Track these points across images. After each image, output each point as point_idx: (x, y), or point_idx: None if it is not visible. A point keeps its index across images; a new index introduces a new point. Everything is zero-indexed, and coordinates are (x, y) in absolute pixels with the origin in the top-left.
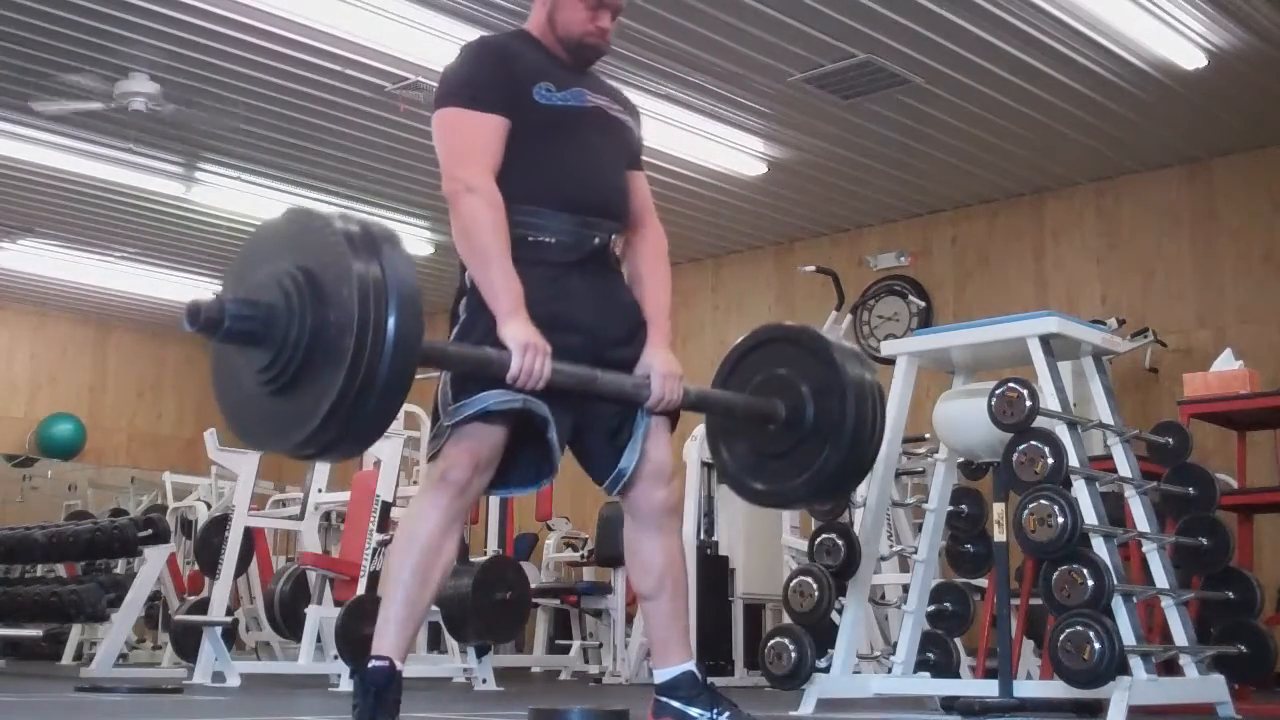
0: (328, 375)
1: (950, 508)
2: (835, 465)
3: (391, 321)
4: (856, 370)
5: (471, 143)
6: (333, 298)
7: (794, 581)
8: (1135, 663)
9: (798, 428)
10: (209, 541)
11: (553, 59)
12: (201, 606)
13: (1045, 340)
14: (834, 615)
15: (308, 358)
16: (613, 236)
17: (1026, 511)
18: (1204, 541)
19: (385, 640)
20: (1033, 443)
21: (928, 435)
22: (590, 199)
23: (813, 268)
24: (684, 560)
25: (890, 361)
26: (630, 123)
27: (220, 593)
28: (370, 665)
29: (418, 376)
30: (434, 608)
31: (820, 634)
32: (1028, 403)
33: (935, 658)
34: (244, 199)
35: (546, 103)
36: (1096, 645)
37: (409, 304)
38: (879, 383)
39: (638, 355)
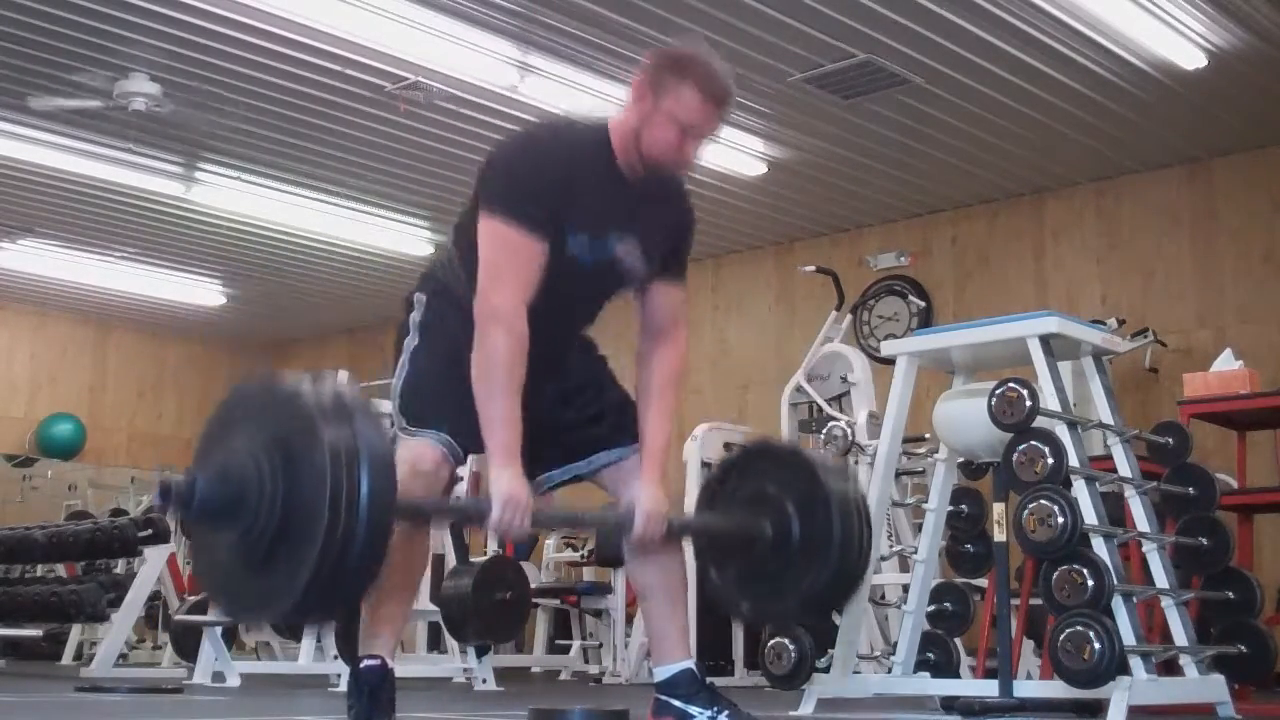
0: (304, 547)
1: (950, 508)
2: (824, 584)
3: (364, 488)
4: (841, 486)
5: (513, 266)
6: (304, 468)
7: None
8: (1135, 663)
9: (785, 547)
10: None
11: (614, 176)
12: (201, 606)
13: (1045, 340)
14: (834, 615)
15: (282, 530)
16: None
17: (1026, 511)
18: (1204, 541)
19: (375, 639)
20: (1033, 443)
21: (928, 435)
22: (552, 334)
23: (813, 268)
24: (683, 559)
25: (890, 361)
26: (638, 266)
27: None
28: (363, 665)
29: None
30: (434, 607)
31: (820, 634)
32: (1028, 403)
33: (935, 658)
34: (244, 199)
35: (576, 255)
36: (1096, 645)
37: (381, 469)
38: (864, 497)
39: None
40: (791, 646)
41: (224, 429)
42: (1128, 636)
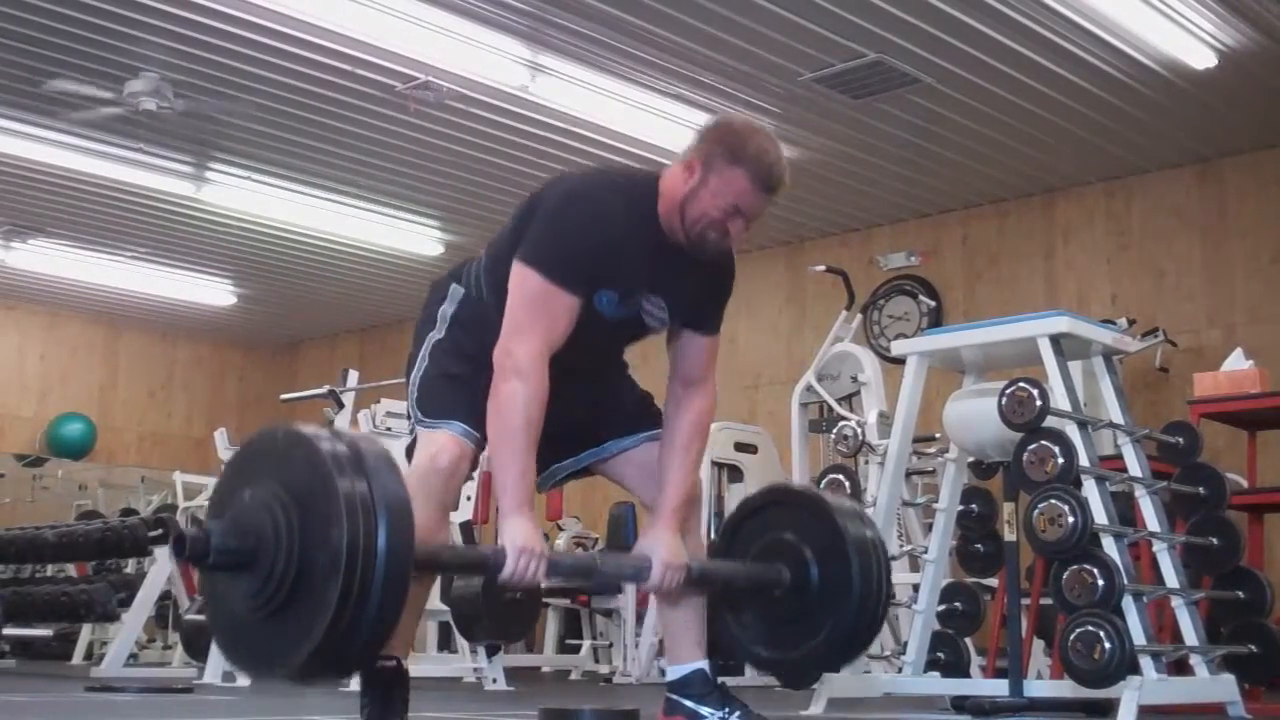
0: (320, 596)
1: (960, 507)
2: (845, 628)
3: (382, 540)
4: (859, 530)
5: (541, 320)
6: (320, 519)
7: None
8: (1145, 662)
9: (804, 592)
10: None
11: (655, 239)
12: None
13: (1055, 340)
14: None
15: (299, 582)
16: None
17: (1037, 511)
18: (1214, 541)
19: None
20: (1043, 442)
21: (938, 435)
22: (571, 373)
23: (823, 267)
24: (702, 557)
25: (901, 361)
26: (661, 320)
27: None
28: (377, 665)
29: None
30: (444, 607)
31: None
32: (1038, 402)
33: (945, 657)
34: (254, 199)
35: (602, 311)
36: (1107, 645)
37: (399, 520)
38: (882, 540)
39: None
40: None
41: (240, 479)
42: (1138, 636)
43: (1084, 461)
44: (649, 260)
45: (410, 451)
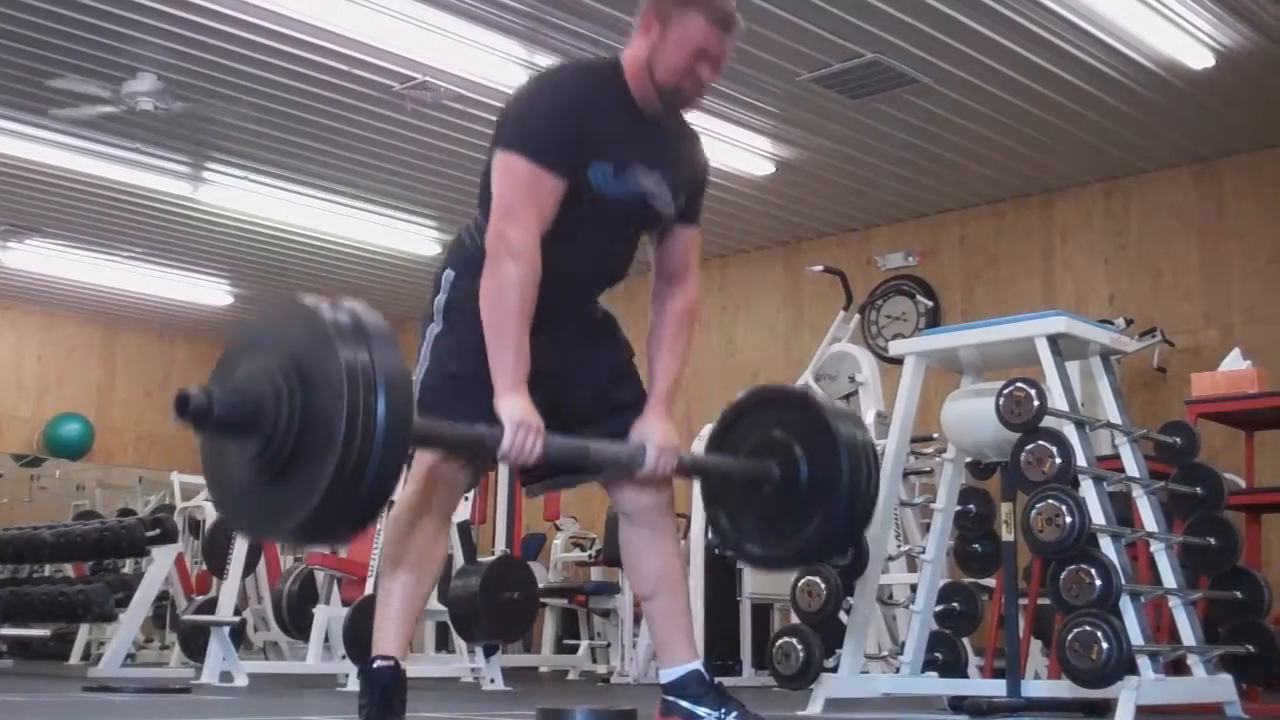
0: (319, 463)
1: (958, 507)
2: (831, 525)
3: (381, 407)
4: (849, 429)
5: (528, 199)
6: (321, 386)
7: (802, 581)
8: (1143, 662)
9: (793, 489)
10: (217, 541)
11: (632, 110)
12: (209, 606)
13: (1053, 340)
14: (842, 615)
15: (299, 445)
16: (598, 294)
17: (1034, 511)
18: (1212, 541)
19: (387, 639)
20: (1040, 442)
21: (935, 435)
22: (582, 275)
23: (821, 267)
24: (680, 559)
25: (898, 361)
26: (668, 202)
27: (228, 592)
28: (374, 665)
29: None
30: (442, 607)
31: (828, 634)
32: (1035, 402)
33: (943, 657)
34: (251, 199)
35: (598, 188)
36: (1104, 645)
37: (398, 389)
38: (871, 441)
39: (615, 391)
40: (799, 646)
41: (243, 349)
42: (1135, 636)
43: (1082, 461)
44: (631, 134)
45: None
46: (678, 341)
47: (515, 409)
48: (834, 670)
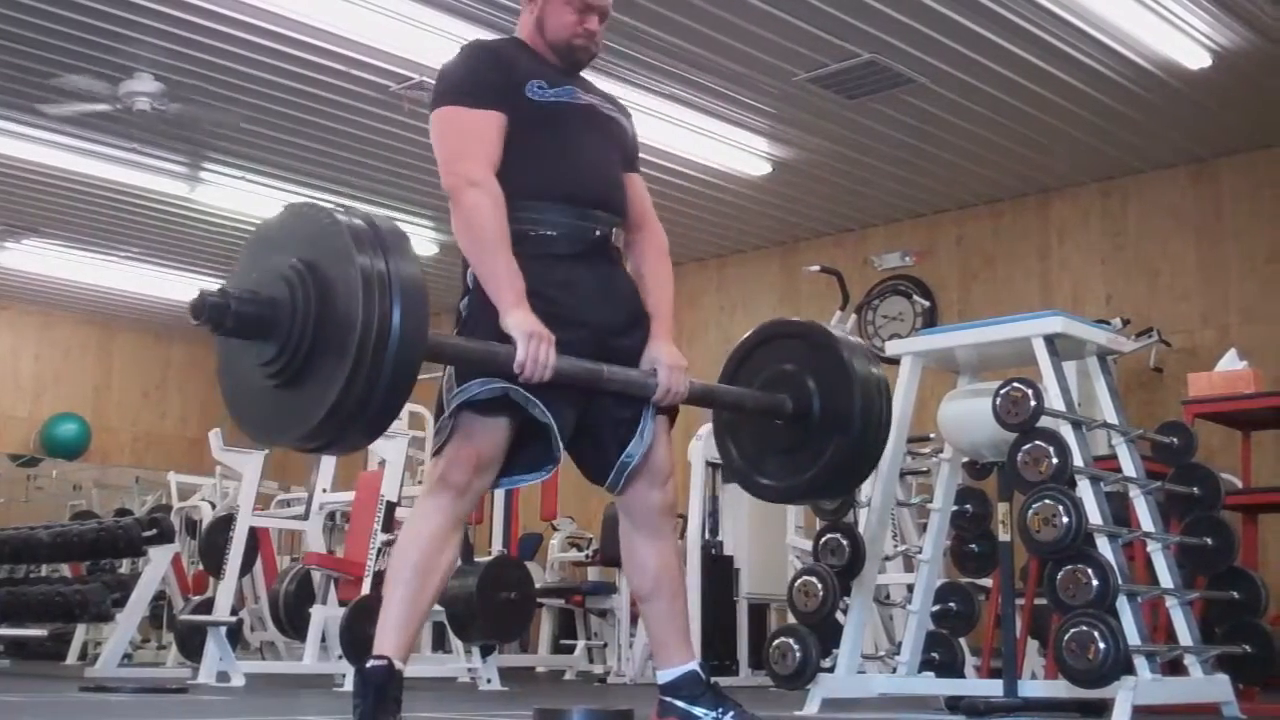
0: (333, 368)
1: (955, 507)
2: (843, 458)
3: (396, 315)
4: (863, 364)
5: (471, 139)
6: (337, 291)
7: (799, 581)
8: (1140, 662)
9: (805, 421)
10: (214, 541)
11: (544, 63)
12: (206, 606)
13: (1050, 340)
14: (839, 615)
15: (313, 350)
16: (613, 229)
17: (1031, 511)
18: (1209, 541)
19: (386, 640)
20: (1037, 442)
21: (932, 435)
22: (588, 192)
23: (817, 267)
24: (679, 561)
25: (895, 361)
26: (624, 122)
27: (225, 593)
28: (370, 665)
29: (421, 376)
30: (438, 608)
31: (825, 634)
32: (1032, 402)
33: (940, 657)
34: (248, 199)
35: (540, 99)
36: (1101, 645)
37: (413, 298)
38: (885, 377)
39: (639, 345)
40: (796, 646)
41: (260, 253)
42: (1132, 636)
43: (1078, 462)
44: (556, 71)
45: (440, 450)
46: (662, 269)
47: (523, 322)
48: (831, 670)
